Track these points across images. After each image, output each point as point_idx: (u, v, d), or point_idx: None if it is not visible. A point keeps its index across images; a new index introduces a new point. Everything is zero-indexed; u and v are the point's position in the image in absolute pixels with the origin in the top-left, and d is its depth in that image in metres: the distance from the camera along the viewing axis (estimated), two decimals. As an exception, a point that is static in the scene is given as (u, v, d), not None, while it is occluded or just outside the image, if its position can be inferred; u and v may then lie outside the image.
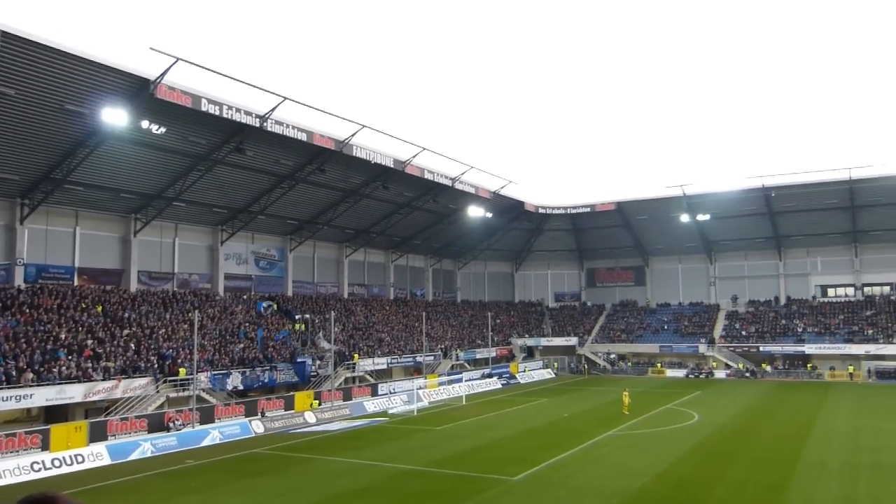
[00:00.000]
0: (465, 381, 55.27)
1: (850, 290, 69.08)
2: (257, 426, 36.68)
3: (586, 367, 71.49)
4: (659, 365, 68.50)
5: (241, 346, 43.82)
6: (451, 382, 54.09)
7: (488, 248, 76.94)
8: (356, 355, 50.90)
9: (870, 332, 61.93)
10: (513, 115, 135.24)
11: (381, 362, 53.11)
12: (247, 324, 47.15)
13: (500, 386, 59.26)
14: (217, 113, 36.50)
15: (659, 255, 77.91)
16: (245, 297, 51.75)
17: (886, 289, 67.47)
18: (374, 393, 47.81)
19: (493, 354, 65.41)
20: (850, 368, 59.70)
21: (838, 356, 61.54)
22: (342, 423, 40.14)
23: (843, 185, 59.28)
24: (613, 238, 75.95)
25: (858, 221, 64.63)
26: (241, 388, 41.05)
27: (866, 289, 68.33)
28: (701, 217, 66.64)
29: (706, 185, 64.71)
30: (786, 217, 66.60)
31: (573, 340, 73.78)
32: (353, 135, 44.78)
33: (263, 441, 34.16)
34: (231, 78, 34.88)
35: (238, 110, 37.61)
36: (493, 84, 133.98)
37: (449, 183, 55.73)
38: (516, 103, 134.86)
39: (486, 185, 60.68)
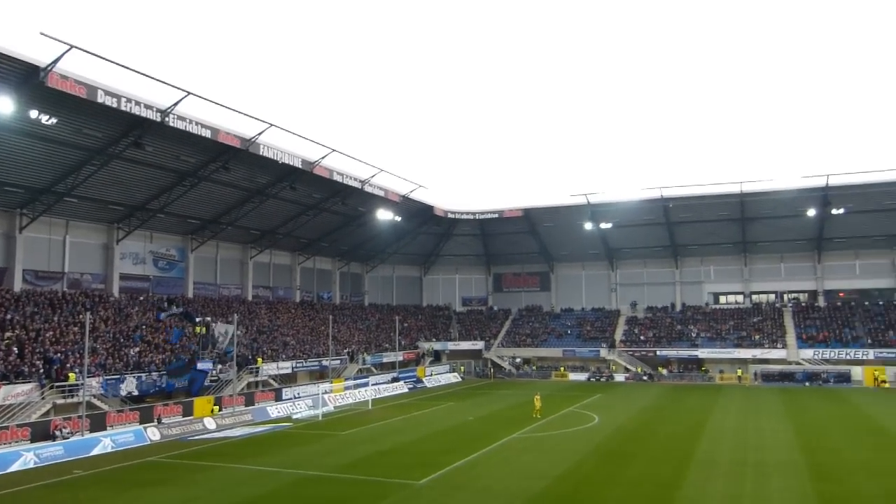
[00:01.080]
0: (372, 385, 54.96)
1: (740, 298, 73.19)
2: (153, 433, 35.13)
3: (492, 370, 72.49)
4: (562, 369, 70.25)
5: (137, 349, 41.81)
6: (357, 387, 53.58)
7: (397, 252, 76.83)
8: (260, 359, 49.66)
9: (756, 337, 65.80)
10: (424, 120, 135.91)
11: (285, 366, 51.96)
12: (144, 326, 45.06)
13: (407, 390, 59.21)
14: (115, 105, 34.75)
15: (564, 262, 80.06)
16: (142, 298, 49.46)
17: (772, 297, 71.93)
18: (278, 398, 46.85)
19: (401, 358, 65.30)
20: (739, 372, 63.22)
21: (728, 360, 65.08)
22: (244, 428, 39.04)
23: (735, 198, 62.85)
24: (520, 244, 77.51)
25: (748, 233, 68.66)
26: (136, 393, 39.16)
27: (754, 296, 72.56)
28: (604, 225, 68.97)
29: (609, 194, 66.88)
30: (682, 227, 69.89)
31: (480, 344, 74.68)
32: (259, 133, 43.71)
33: (160, 449, 32.76)
34: (131, 69, 33.25)
35: (138, 103, 36.00)
36: (405, 88, 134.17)
37: (358, 185, 55.30)
38: (427, 107, 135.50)
39: (396, 189, 60.64)
